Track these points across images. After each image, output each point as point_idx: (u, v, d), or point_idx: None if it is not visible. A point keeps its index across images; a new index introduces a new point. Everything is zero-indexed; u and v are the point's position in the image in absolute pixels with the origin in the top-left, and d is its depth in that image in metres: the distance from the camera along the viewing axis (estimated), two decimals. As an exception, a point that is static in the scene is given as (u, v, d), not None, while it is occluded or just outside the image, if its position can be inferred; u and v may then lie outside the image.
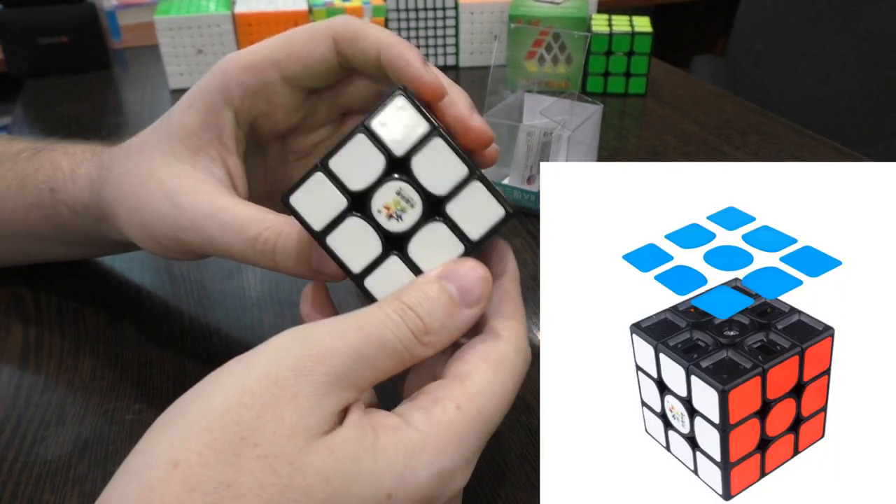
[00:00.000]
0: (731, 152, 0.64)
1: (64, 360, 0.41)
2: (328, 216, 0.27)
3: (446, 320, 0.26)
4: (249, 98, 0.33)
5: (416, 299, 0.26)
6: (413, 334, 0.26)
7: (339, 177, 0.27)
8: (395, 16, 0.81)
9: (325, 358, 0.24)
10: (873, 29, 1.12)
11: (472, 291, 0.27)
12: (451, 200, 0.27)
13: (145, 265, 0.48)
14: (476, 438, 0.26)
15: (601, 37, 0.74)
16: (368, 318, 0.25)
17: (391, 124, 0.27)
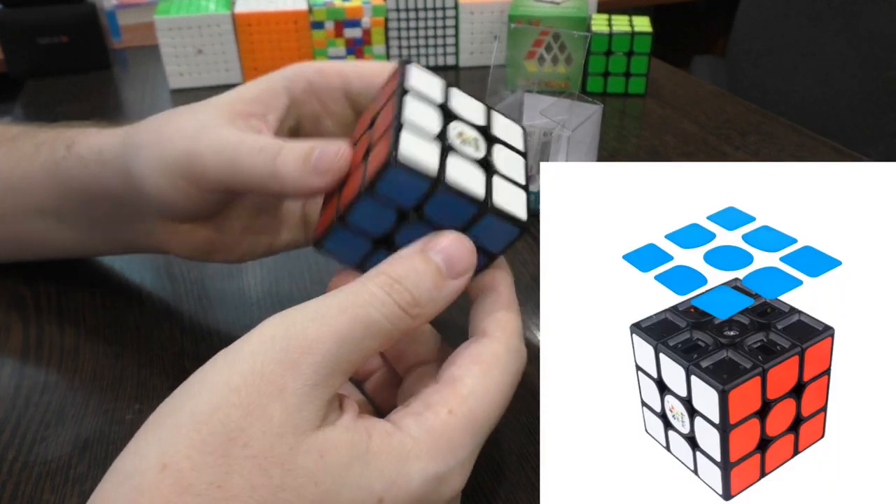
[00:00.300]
0: (731, 152, 0.64)
1: (64, 360, 0.41)
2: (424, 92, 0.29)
3: (434, 292, 0.26)
4: (309, 94, 0.35)
5: (404, 272, 0.26)
6: (401, 308, 0.26)
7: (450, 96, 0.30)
8: (395, 16, 0.81)
9: (311, 346, 0.24)
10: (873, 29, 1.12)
11: (459, 262, 0.27)
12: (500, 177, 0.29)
13: (145, 265, 0.48)
14: (470, 441, 0.26)
15: (601, 37, 0.74)
16: (353, 299, 0.25)
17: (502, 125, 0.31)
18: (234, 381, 0.23)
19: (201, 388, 0.24)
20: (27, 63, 0.82)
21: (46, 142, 0.40)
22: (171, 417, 0.23)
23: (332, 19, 0.78)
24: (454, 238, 0.27)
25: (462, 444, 0.26)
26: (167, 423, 0.23)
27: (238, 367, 0.24)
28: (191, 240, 0.37)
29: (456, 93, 0.30)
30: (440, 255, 0.27)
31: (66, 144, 0.39)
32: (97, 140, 0.37)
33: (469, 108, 0.30)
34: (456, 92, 0.30)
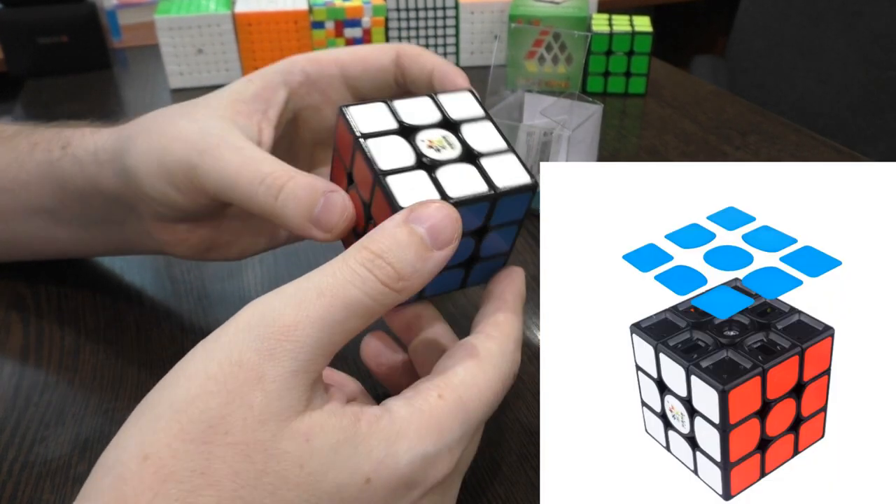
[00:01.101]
0: (731, 152, 0.64)
1: (64, 359, 0.41)
2: (375, 128, 0.29)
3: (418, 264, 0.26)
4: (307, 86, 0.35)
5: (386, 246, 0.25)
6: (384, 284, 0.25)
7: (398, 112, 0.29)
8: (395, 15, 0.81)
9: (289, 333, 0.24)
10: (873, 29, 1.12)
11: (443, 232, 0.26)
12: (486, 157, 0.29)
13: (145, 265, 0.48)
14: (459, 426, 0.26)
15: (601, 37, 0.74)
16: (331, 280, 0.25)
17: (454, 103, 0.30)
18: (212, 369, 0.23)
19: (179, 379, 0.24)
20: (27, 63, 0.82)
21: (41, 142, 0.40)
22: (151, 410, 0.23)
23: (332, 19, 0.78)
24: (437, 207, 0.26)
25: (450, 429, 0.25)
26: (147, 416, 0.23)
27: (215, 355, 0.24)
28: (188, 239, 0.37)
29: (399, 103, 0.30)
30: (424, 225, 0.26)
31: (61, 145, 0.38)
32: (92, 140, 0.37)
33: (419, 110, 0.30)
34: (398, 102, 0.30)
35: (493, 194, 0.28)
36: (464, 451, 0.27)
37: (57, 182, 0.39)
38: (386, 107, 0.29)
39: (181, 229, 0.36)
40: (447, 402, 0.26)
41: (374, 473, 0.24)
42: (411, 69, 0.35)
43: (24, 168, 0.40)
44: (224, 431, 0.22)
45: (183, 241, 0.37)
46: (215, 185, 0.31)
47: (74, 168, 0.37)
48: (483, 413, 0.27)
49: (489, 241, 0.30)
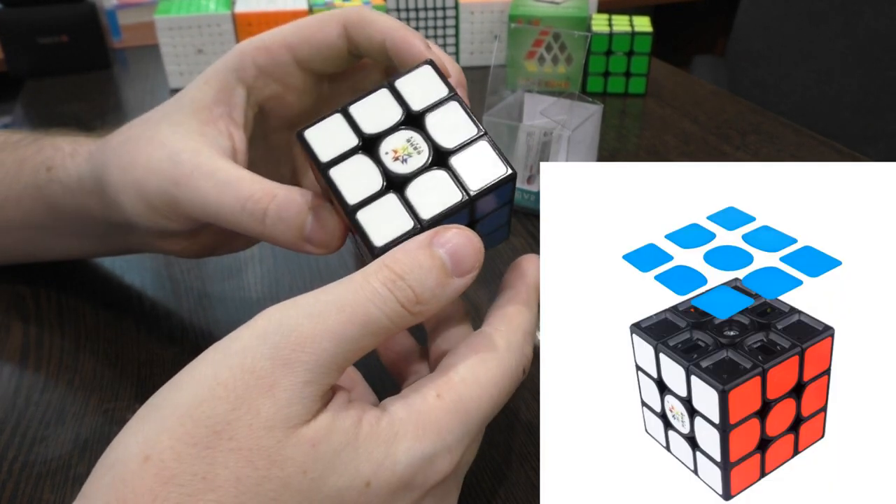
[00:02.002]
0: (731, 152, 0.64)
1: (64, 359, 0.41)
2: (337, 151, 0.27)
3: (437, 290, 0.25)
4: (262, 78, 0.34)
5: (408, 268, 0.25)
6: (403, 306, 0.25)
7: (356, 121, 0.28)
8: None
9: (305, 345, 0.23)
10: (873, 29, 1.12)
11: (465, 261, 0.26)
12: (456, 154, 0.27)
13: (145, 265, 0.48)
14: (458, 426, 0.25)
15: (601, 37, 0.74)
16: (352, 297, 0.24)
17: (414, 86, 0.28)
18: (222, 375, 0.23)
19: (189, 381, 0.23)
20: (27, 63, 0.82)
21: (27, 160, 0.39)
22: (157, 410, 0.23)
23: (332, 19, 0.78)
24: (460, 233, 0.26)
25: (449, 429, 0.25)
26: (152, 416, 0.23)
27: (228, 361, 0.23)
28: (190, 246, 0.37)
29: (356, 108, 0.28)
30: (446, 250, 0.26)
31: (45, 167, 0.38)
32: (73, 166, 0.37)
33: (378, 110, 0.28)
34: (355, 107, 0.28)
35: (468, 200, 0.27)
36: (465, 450, 0.26)
37: (47, 204, 0.39)
38: (342, 118, 0.28)
39: (180, 240, 0.36)
40: (445, 401, 0.25)
41: (373, 476, 0.24)
42: (360, 41, 0.32)
43: (13, 187, 0.40)
44: (229, 437, 0.22)
45: (186, 249, 0.37)
46: (196, 215, 0.31)
47: (64, 194, 0.37)
48: (485, 411, 0.26)
49: (483, 226, 0.29)
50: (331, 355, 0.24)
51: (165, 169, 0.31)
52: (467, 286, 0.26)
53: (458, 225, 0.26)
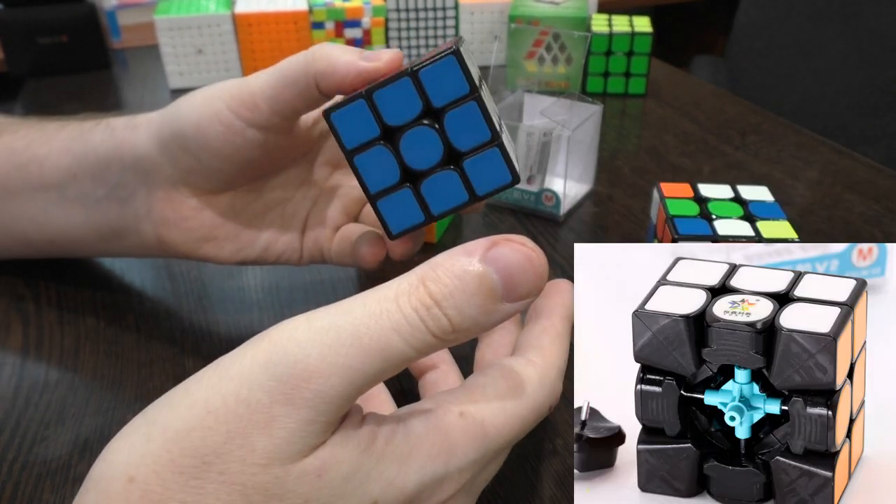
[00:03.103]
0: (731, 152, 0.64)
1: (64, 360, 0.41)
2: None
3: (481, 318, 0.22)
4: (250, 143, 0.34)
5: (449, 291, 0.22)
6: (435, 336, 0.22)
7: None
8: (395, 16, 0.81)
9: (312, 380, 0.21)
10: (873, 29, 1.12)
11: (521, 285, 0.22)
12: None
13: (145, 265, 0.48)
14: (474, 450, 0.24)
15: (601, 37, 0.74)
16: (375, 325, 0.21)
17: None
18: (214, 402, 0.21)
19: (181, 403, 0.22)
20: (27, 63, 0.82)
21: (73, 122, 0.40)
22: (146, 427, 0.22)
23: (332, 19, 0.78)
24: (519, 250, 0.22)
25: (464, 451, 0.24)
26: (139, 433, 0.22)
27: (223, 387, 0.21)
28: (189, 220, 0.36)
29: (379, 95, 0.29)
30: (500, 270, 0.22)
31: (97, 121, 0.39)
32: (133, 118, 0.38)
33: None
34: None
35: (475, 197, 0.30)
36: (480, 473, 0.25)
37: (77, 152, 0.39)
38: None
39: (187, 206, 0.36)
40: (467, 422, 0.24)
41: (381, 495, 0.22)
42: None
43: (47, 143, 0.40)
44: (219, 471, 0.21)
45: (183, 223, 0.37)
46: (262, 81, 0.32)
47: (104, 134, 0.38)
48: (505, 441, 0.25)
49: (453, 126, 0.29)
50: (340, 392, 0.21)
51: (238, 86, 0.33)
52: (521, 311, 0.23)
53: (521, 238, 0.23)
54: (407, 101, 0.29)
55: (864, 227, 0.53)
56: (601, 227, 0.53)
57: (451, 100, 0.28)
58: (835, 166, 0.62)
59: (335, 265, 0.39)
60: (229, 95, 0.33)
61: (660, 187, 0.42)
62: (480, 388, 0.25)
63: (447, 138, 0.29)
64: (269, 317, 0.44)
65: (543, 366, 0.26)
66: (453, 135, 0.29)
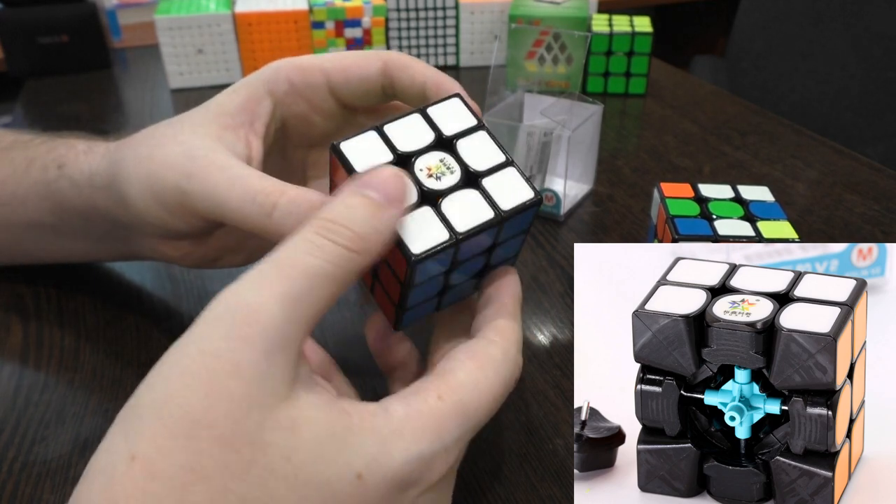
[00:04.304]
0: (731, 152, 0.64)
1: (64, 359, 0.41)
2: (372, 161, 0.28)
3: (374, 221, 0.25)
4: (292, 95, 0.35)
5: (338, 211, 0.25)
6: (343, 247, 0.25)
7: (391, 139, 0.28)
8: (395, 15, 0.81)
9: (255, 316, 0.23)
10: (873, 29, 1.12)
11: (393, 191, 0.26)
12: (487, 176, 0.28)
13: (145, 265, 0.48)
14: (457, 428, 0.26)
15: (601, 37, 0.74)
16: (287, 254, 0.25)
17: (444, 114, 0.29)
18: (186, 363, 0.23)
19: (156, 378, 0.23)
20: (27, 62, 0.82)
21: (37, 158, 0.39)
22: (133, 410, 0.23)
23: (332, 19, 0.78)
24: (382, 170, 0.26)
25: (448, 430, 0.25)
26: (130, 416, 0.23)
27: (188, 349, 0.23)
28: (192, 253, 0.37)
29: (390, 127, 0.29)
30: (373, 188, 0.26)
31: (56, 164, 0.38)
32: (87, 162, 0.37)
33: (412, 131, 0.29)
34: (389, 127, 0.29)
35: (499, 219, 0.28)
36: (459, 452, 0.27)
37: (54, 201, 0.39)
38: (377, 135, 0.29)
39: (184, 245, 0.36)
40: (447, 403, 0.25)
41: (365, 469, 0.23)
42: (401, 80, 0.34)
43: (21, 184, 0.40)
44: (208, 425, 0.22)
45: (188, 255, 0.37)
46: (206, 208, 0.31)
47: (72, 191, 0.37)
48: (483, 416, 0.27)
49: (498, 253, 0.30)
50: (283, 318, 0.23)
51: (180, 163, 0.32)
52: (401, 215, 0.26)
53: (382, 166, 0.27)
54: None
55: (864, 227, 0.53)
56: (601, 227, 0.53)
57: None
58: (835, 166, 0.62)
59: None
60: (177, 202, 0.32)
61: (660, 187, 0.42)
62: (451, 371, 0.27)
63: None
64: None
65: (504, 343, 0.28)
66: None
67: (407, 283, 0.27)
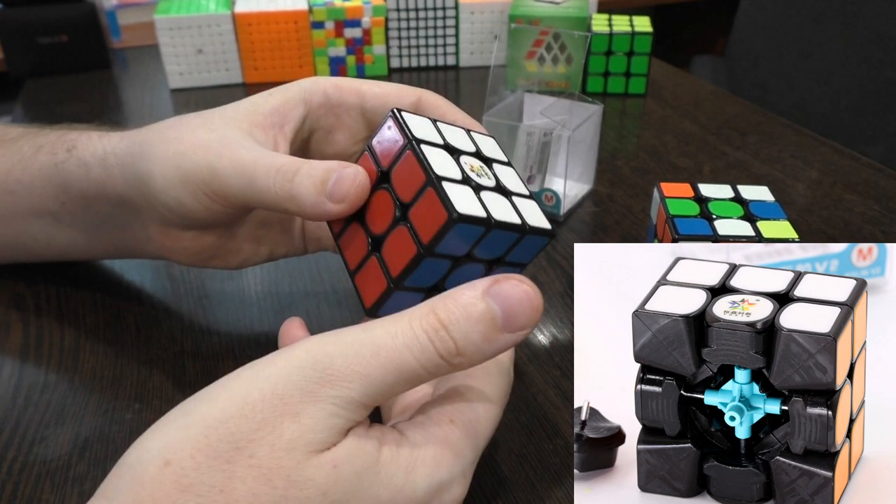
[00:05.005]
0: (731, 152, 0.64)
1: (64, 359, 0.41)
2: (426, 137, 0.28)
3: (483, 344, 0.25)
4: (325, 107, 0.36)
5: (455, 318, 0.24)
6: (441, 357, 0.24)
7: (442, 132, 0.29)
8: (395, 15, 0.81)
9: (336, 382, 0.24)
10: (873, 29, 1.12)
11: (519, 317, 0.25)
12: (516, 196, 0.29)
13: (145, 265, 0.48)
14: (471, 450, 0.27)
15: (601, 37, 0.74)
16: (390, 342, 0.24)
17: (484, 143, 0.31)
18: (253, 396, 0.23)
19: (219, 396, 0.24)
20: (27, 62, 0.82)
21: (46, 145, 0.40)
22: (183, 418, 0.24)
23: (332, 19, 0.78)
24: (519, 286, 0.25)
25: (464, 453, 0.26)
26: (178, 422, 0.24)
27: (260, 383, 0.24)
28: (190, 247, 0.37)
29: (443, 126, 0.30)
30: (500, 303, 0.25)
31: (66, 147, 0.38)
32: (100, 144, 0.37)
33: (459, 137, 0.30)
34: (442, 125, 0.30)
35: (524, 229, 0.28)
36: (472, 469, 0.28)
37: (60, 185, 0.39)
38: (431, 124, 0.29)
39: (186, 237, 0.36)
40: (459, 426, 0.27)
41: (391, 500, 0.24)
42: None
43: (27, 171, 0.40)
44: (249, 454, 0.23)
45: (185, 249, 0.37)
46: (233, 183, 0.31)
47: (80, 171, 0.37)
48: (489, 433, 0.28)
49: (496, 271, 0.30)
50: (359, 396, 0.24)
51: (212, 145, 0.32)
52: (519, 342, 0.26)
53: (519, 276, 0.26)
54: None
55: (864, 227, 0.53)
56: (601, 226, 0.53)
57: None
58: (835, 166, 0.62)
59: None
60: (203, 182, 0.32)
61: (660, 187, 0.42)
62: (457, 393, 0.28)
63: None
64: (269, 316, 0.44)
65: (498, 358, 0.29)
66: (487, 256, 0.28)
67: (429, 246, 0.26)
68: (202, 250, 0.37)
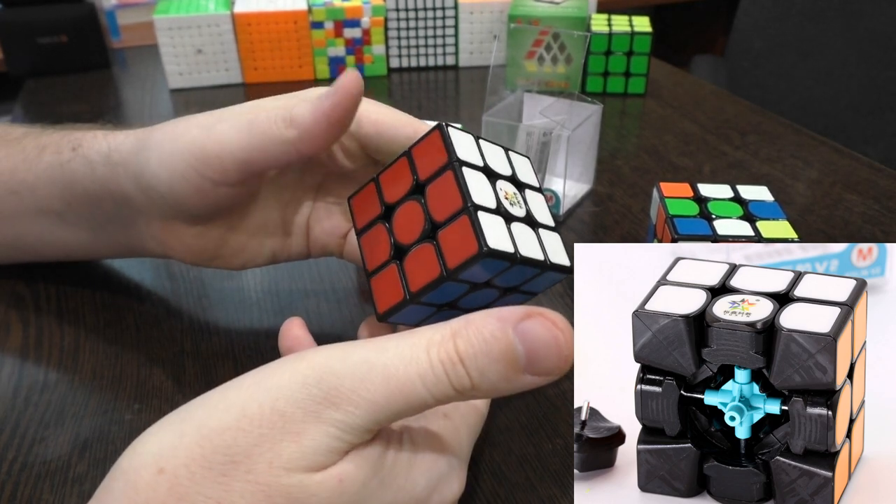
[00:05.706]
0: (731, 152, 0.64)
1: (64, 359, 0.41)
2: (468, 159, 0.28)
3: (500, 384, 0.23)
4: None
5: (474, 353, 0.23)
6: (455, 390, 0.23)
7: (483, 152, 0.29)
8: (394, 16, 0.81)
9: (341, 405, 0.23)
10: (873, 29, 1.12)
11: (543, 361, 0.23)
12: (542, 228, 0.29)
13: (145, 265, 0.48)
14: (466, 441, 0.27)
15: (601, 37, 0.74)
16: (403, 370, 0.23)
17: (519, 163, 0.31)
18: (252, 409, 0.23)
19: (217, 405, 0.23)
20: (27, 63, 0.82)
21: (50, 144, 0.40)
22: (181, 423, 0.23)
23: (331, 19, 0.78)
24: (550, 328, 0.23)
25: (459, 445, 0.27)
26: (174, 428, 0.23)
27: (260, 396, 0.23)
28: (193, 245, 0.37)
29: (484, 145, 0.29)
30: (527, 343, 0.23)
31: (71, 146, 0.38)
32: (105, 142, 0.37)
33: (497, 158, 0.30)
34: (483, 143, 0.29)
35: (545, 265, 0.27)
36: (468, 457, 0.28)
37: (65, 184, 0.39)
38: (474, 142, 0.29)
39: (188, 234, 0.36)
40: (453, 420, 0.27)
41: (394, 499, 0.25)
42: None
43: (31, 170, 0.40)
44: (246, 469, 0.22)
45: (188, 248, 0.37)
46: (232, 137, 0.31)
47: (84, 169, 0.37)
48: (480, 425, 0.28)
49: (508, 300, 0.30)
50: (364, 421, 0.23)
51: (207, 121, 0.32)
52: (542, 385, 0.24)
53: (554, 316, 0.24)
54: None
55: (864, 227, 0.53)
56: (601, 226, 0.53)
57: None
58: (835, 166, 0.62)
59: None
60: (194, 157, 0.32)
61: (660, 187, 0.42)
62: None
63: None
64: (269, 317, 0.44)
65: None
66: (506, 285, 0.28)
67: (454, 272, 0.26)
68: (205, 249, 0.37)
